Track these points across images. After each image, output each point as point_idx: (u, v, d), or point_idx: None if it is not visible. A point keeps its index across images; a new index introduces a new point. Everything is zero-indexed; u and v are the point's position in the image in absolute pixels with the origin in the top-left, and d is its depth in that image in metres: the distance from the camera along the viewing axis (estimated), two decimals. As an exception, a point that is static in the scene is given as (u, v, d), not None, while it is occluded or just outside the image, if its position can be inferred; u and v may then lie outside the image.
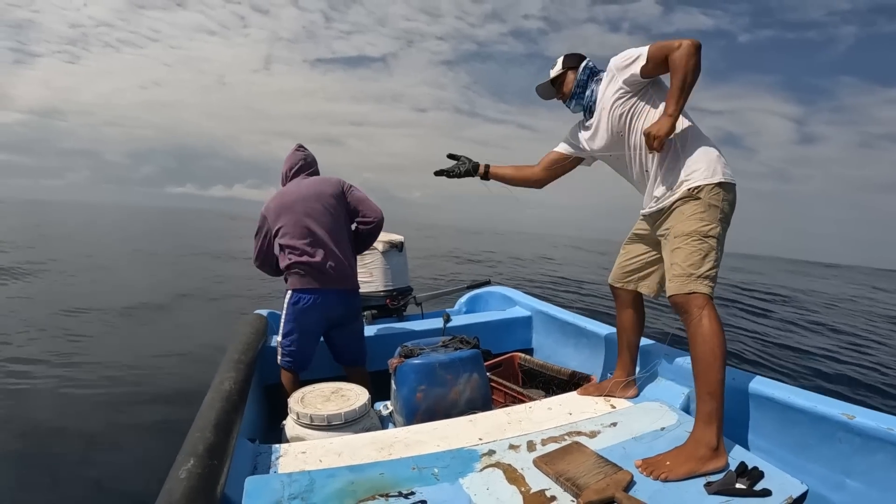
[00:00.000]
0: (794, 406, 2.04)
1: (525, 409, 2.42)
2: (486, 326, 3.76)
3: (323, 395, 2.56)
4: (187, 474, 1.52)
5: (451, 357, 2.59)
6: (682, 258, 2.11)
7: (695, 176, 2.17)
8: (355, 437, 2.19)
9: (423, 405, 2.48)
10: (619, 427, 2.11)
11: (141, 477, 3.17)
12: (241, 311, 8.57)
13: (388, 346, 3.31)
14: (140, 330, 7.27)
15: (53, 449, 3.56)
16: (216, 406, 2.01)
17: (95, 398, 4.43)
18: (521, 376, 3.32)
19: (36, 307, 8.17)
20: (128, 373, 5.14)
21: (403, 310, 4.11)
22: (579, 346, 3.39)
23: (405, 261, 4.17)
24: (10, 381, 4.69)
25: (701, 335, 1.97)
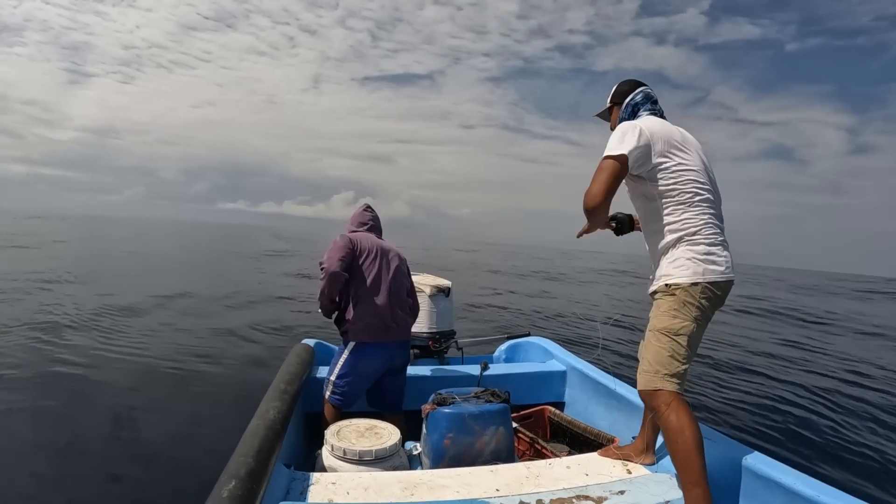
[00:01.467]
0: (799, 493, 2.11)
1: (545, 465, 2.56)
2: (522, 377, 3.89)
3: (358, 430, 2.76)
4: (228, 494, 1.73)
5: (481, 409, 2.75)
6: (651, 355, 2.22)
7: (673, 272, 2.25)
8: (383, 475, 2.38)
9: (450, 451, 2.65)
10: (626, 496, 2.23)
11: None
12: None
13: (425, 387, 3.49)
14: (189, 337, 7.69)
15: (103, 449, 3.88)
16: (260, 433, 2.23)
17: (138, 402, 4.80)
18: (550, 429, 3.44)
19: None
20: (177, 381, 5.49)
21: (445, 352, 4.28)
22: (609, 406, 3.48)
23: (451, 305, 4.36)
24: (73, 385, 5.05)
25: (671, 430, 2.08)
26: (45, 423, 4.21)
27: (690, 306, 2.20)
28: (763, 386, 7.25)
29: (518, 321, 11.26)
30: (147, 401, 4.91)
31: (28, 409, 4.52)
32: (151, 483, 3.52)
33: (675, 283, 2.23)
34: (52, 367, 5.67)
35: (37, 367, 5.64)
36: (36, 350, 6.31)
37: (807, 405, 6.45)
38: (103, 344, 6.84)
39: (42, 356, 6.02)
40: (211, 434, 4.28)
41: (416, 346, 4.16)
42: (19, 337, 6.86)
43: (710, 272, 2.21)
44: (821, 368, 8.59)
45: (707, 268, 2.21)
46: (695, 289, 2.20)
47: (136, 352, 6.55)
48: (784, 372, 8.21)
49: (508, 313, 12.50)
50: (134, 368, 5.89)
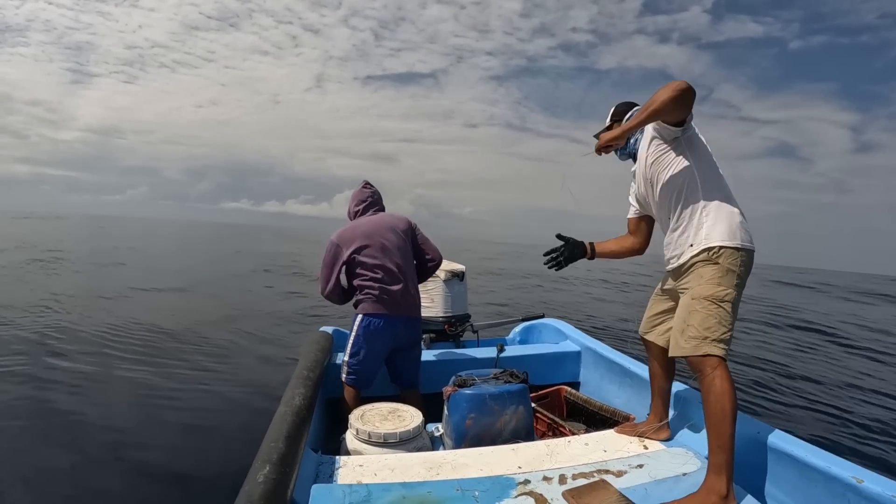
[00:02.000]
0: (810, 464, 2.16)
1: (564, 442, 2.63)
2: (537, 359, 3.96)
3: (381, 413, 2.83)
4: (264, 479, 1.79)
5: (501, 389, 2.82)
6: (699, 321, 2.25)
7: (714, 236, 2.30)
8: (408, 456, 2.46)
9: (471, 432, 2.73)
10: (645, 469, 2.30)
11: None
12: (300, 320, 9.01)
13: (443, 370, 3.56)
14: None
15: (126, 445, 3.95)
16: (288, 419, 2.30)
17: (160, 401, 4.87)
18: (566, 409, 3.52)
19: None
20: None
21: (460, 336, 4.35)
22: (623, 384, 3.55)
23: (465, 289, 4.42)
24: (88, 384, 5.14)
25: (714, 394, 2.12)
26: (56, 426, 4.25)
27: (732, 274, 2.26)
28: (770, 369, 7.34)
29: (531, 306, 11.32)
30: (157, 400, 4.98)
31: (34, 405, 4.58)
32: (174, 475, 3.61)
33: (717, 246, 2.28)
34: (55, 366, 5.74)
35: (40, 367, 5.69)
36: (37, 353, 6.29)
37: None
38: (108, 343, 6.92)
39: (42, 359, 6.01)
40: (225, 427, 4.42)
41: (431, 330, 4.23)
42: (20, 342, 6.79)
43: (746, 241, 2.30)
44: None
45: (743, 236, 2.30)
46: (737, 255, 2.27)
47: (145, 352, 6.60)
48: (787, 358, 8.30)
49: (519, 299, 12.54)
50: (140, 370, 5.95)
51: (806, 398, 6.21)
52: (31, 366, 5.63)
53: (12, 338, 6.72)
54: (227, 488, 3.36)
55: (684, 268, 2.40)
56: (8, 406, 4.56)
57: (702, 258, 2.32)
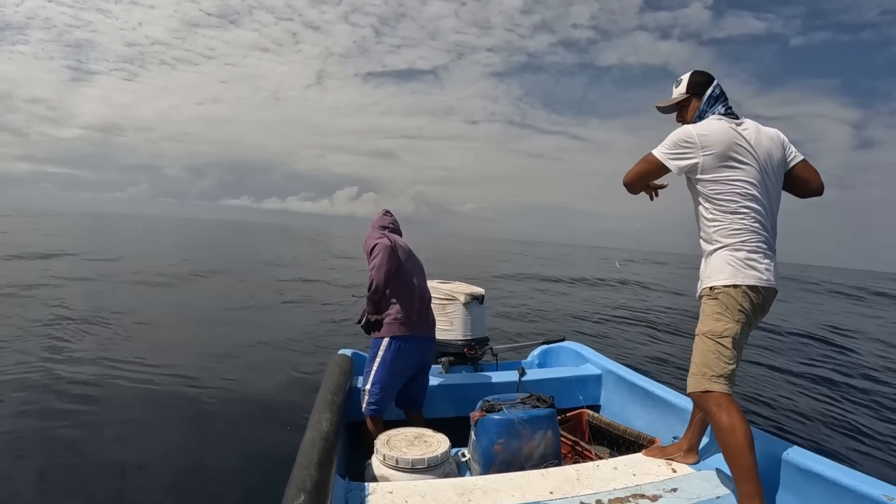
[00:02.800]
0: (840, 483, 2.15)
1: (592, 466, 2.62)
2: (558, 382, 3.94)
3: (407, 439, 2.81)
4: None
5: (530, 414, 2.82)
6: (698, 358, 2.31)
7: (714, 275, 2.35)
8: (438, 482, 2.45)
9: (500, 457, 2.72)
10: (679, 493, 2.29)
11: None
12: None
13: (464, 394, 3.56)
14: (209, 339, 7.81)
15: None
16: (317, 445, 2.28)
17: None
18: (589, 432, 3.49)
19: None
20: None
21: (479, 359, 4.33)
22: (646, 407, 3.53)
23: (484, 312, 4.40)
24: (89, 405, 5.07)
25: (723, 430, 2.15)
26: (60, 444, 4.21)
27: (732, 309, 2.28)
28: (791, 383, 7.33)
29: (549, 326, 11.31)
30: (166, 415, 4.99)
31: (40, 425, 4.54)
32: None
33: (716, 285, 2.32)
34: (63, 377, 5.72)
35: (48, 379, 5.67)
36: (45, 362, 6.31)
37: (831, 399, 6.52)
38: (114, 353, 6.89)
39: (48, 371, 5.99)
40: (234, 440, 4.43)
41: (450, 353, 4.21)
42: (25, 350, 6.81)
43: (750, 276, 2.28)
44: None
45: (746, 273, 2.29)
46: (735, 291, 2.28)
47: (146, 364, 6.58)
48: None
49: (535, 319, 12.51)
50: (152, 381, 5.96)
51: (826, 410, 6.21)
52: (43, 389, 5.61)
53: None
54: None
55: (700, 300, 2.45)
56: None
57: (705, 294, 2.39)
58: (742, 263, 2.30)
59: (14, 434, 4.35)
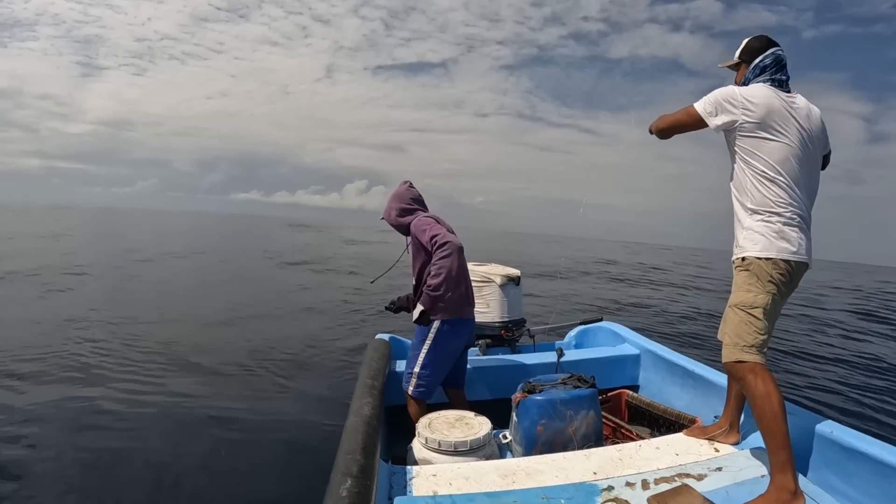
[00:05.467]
0: (888, 463, 2.12)
1: (634, 446, 2.62)
2: (597, 362, 3.93)
3: (448, 421, 2.84)
4: (347, 493, 1.77)
5: (572, 395, 2.83)
6: (731, 329, 2.31)
7: (747, 246, 2.33)
8: (481, 464, 2.45)
9: (542, 438, 2.73)
10: (724, 472, 2.29)
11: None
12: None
13: (503, 375, 3.58)
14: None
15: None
16: (361, 430, 2.29)
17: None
18: (629, 412, 3.50)
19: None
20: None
21: (517, 341, 4.33)
22: (685, 386, 3.52)
23: (520, 294, 4.40)
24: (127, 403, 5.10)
25: (758, 398, 2.16)
26: (99, 441, 4.23)
27: (763, 280, 2.28)
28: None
29: (585, 308, 11.30)
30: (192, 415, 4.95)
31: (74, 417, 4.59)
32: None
33: (748, 256, 2.32)
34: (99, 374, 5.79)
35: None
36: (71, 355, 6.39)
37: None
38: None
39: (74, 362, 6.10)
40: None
41: (487, 335, 4.21)
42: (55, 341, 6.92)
43: (783, 250, 2.27)
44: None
45: (779, 245, 2.27)
46: (767, 263, 2.27)
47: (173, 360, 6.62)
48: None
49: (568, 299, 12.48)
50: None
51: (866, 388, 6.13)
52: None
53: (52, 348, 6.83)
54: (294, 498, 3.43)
55: (733, 268, 2.44)
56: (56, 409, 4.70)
57: (737, 264, 2.39)
58: (776, 235, 2.28)
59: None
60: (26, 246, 20.77)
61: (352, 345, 7.49)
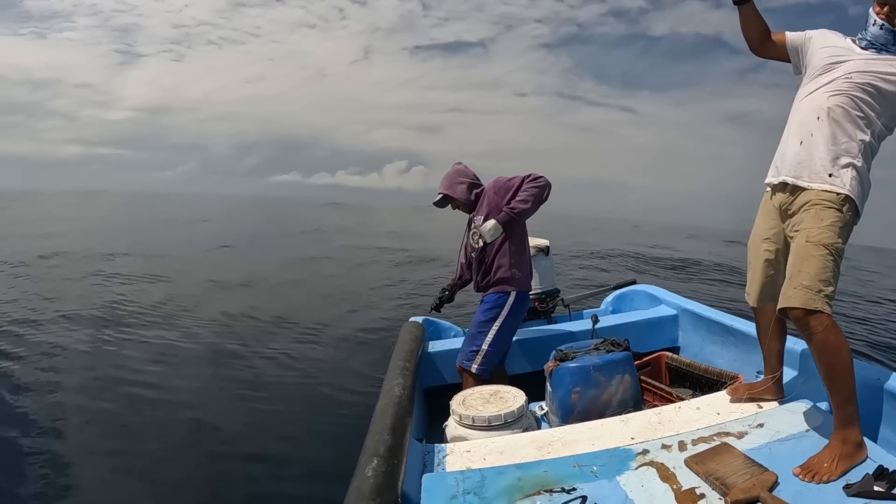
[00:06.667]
0: None
1: (674, 409, 2.55)
2: (633, 326, 3.87)
3: (482, 397, 2.79)
4: (373, 473, 1.77)
5: (605, 359, 2.78)
6: (815, 270, 2.02)
7: (846, 180, 2.08)
8: (516, 437, 2.43)
9: (578, 406, 2.70)
10: (766, 428, 2.22)
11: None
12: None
13: (539, 347, 3.53)
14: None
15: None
16: (390, 410, 2.28)
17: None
18: (669, 375, 3.43)
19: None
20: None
21: (552, 312, 4.29)
22: (726, 344, 3.44)
23: (552, 264, 4.36)
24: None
25: (830, 352, 1.97)
26: (133, 422, 4.36)
27: (847, 231, 2.10)
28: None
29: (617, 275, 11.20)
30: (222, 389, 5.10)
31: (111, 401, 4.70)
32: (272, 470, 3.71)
33: (846, 194, 2.08)
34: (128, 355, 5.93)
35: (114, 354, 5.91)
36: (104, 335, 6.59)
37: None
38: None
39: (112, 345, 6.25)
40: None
41: None
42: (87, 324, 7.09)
43: (864, 201, 2.13)
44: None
45: (865, 194, 2.14)
46: (853, 209, 2.11)
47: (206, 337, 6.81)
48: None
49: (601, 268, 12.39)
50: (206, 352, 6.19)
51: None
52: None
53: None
54: (324, 479, 3.47)
55: (803, 199, 2.17)
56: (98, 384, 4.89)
57: (830, 199, 2.10)
58: (866, 180, 2.13)
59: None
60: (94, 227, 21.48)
61: (389, 325, 7.59)
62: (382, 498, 1.69)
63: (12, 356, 5.62)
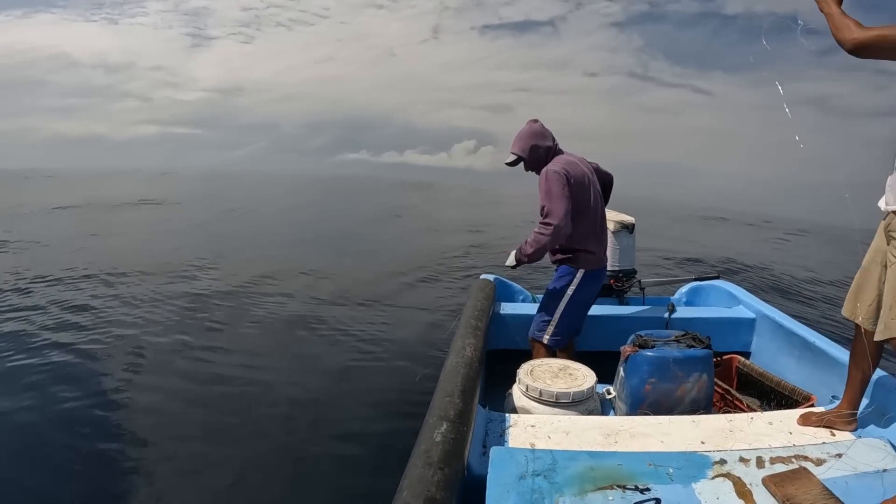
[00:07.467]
0: None
1: (746, 419, 2.48)
2: (709, 322, 3.74)
3: (551, 370, 2.75)
4: (442, 438, 1.76)
5: (686, 354, 2.69)
6: None
7: None
8: (582, 419, 2.39)
9: (649, 398, 2.64)
10: (844, 460, 2.13)
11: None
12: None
13: (609, 327, 3.48)
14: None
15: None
16: (461, 371, 2.26)
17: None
18: (738, 380, 3.34)
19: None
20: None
21: (626, 292, 4.20)
22: (802, 359, 3.30)
23: (633, 243, 4.23)
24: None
25: None
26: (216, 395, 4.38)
27: None
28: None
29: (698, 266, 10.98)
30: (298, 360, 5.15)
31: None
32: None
33: None
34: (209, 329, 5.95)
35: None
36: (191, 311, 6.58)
37: None
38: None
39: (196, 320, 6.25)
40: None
41: None
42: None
43: None
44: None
45: None
46: None
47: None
48: None
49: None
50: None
51: None
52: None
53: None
54: (382, 435, 3.54)
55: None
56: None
57: None
58: None
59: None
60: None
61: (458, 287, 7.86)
62: (451, 466, 1.67)
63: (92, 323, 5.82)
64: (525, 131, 3.31)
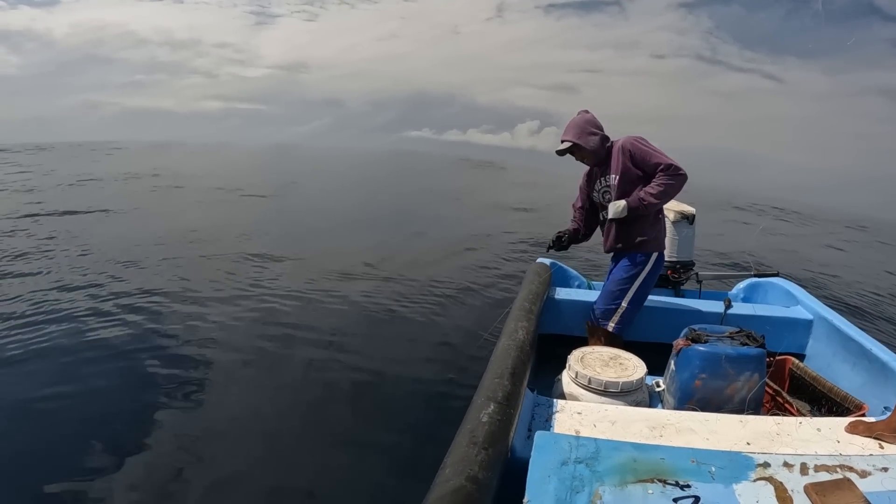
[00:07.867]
0: None
1: (794, 423, 2.45)
2: (765, 321, 3.70)
3: (602, 359, 2.77)
4: (489, 419, 1.79)
5: (739, 352, 2.66)
6: None
7: None
8: (630, 410, 2.39)
9: (698, 393, 2.64)
10: (890, 474, 2.11)
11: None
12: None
13: (663, 319, 3.48)
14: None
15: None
16: (512, 354, 2.30)
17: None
18: (789, 383, 3.29)
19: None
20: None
21: (682, 284, 4.19)
22: (858, 367, 3.25)
23: (693, 234, 4.21)
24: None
25: None
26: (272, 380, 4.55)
27: None
28: None
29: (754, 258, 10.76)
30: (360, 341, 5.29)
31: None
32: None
33: None
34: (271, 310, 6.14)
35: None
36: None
37: None
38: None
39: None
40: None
41: None
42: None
43: None
44: None
45: None
46: None
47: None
48: None
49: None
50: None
51: None
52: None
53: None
54: (429, 410, 3.70)
55: None
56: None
57: None
58: None
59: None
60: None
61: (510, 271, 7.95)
62: (495, 448, 1.70)
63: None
64: (579, 120, 3.37)
